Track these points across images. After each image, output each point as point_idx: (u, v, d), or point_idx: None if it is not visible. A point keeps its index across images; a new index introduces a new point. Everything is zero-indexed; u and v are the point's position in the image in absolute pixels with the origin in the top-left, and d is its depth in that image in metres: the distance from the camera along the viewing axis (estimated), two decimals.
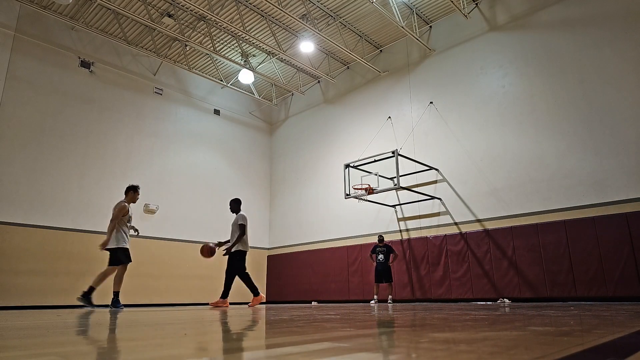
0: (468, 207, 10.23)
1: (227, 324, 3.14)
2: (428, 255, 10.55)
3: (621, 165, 8.23)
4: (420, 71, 11.99)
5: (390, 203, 11.58)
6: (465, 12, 10.93)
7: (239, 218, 8.01)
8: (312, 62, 13.49)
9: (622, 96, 8.45)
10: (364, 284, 11.69)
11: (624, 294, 7.68)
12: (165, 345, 1.74)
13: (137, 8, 11.02)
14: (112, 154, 11.67)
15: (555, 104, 9.30)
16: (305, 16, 11.18)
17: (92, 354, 1.44)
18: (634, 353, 1.36)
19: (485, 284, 9.43)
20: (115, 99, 12.04)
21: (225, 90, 14.77)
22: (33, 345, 1.69)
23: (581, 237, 8.34)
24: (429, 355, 1.27)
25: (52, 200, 10.34)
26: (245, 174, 14.98)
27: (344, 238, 12.70)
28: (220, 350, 1.54)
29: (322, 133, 14.25)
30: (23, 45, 10.57)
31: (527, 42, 10.00)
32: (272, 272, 14.46)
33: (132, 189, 7.42)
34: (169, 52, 12.88)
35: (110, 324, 3.14)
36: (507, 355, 1.25)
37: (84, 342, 1.86)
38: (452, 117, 10.98)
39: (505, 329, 2.18)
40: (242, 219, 7.98)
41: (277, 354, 1.35)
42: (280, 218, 14.97)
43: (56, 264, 10.05)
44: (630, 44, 8.50)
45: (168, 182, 12.73)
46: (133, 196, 7.41)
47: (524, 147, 9.57)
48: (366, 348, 1.52)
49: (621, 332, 2.01)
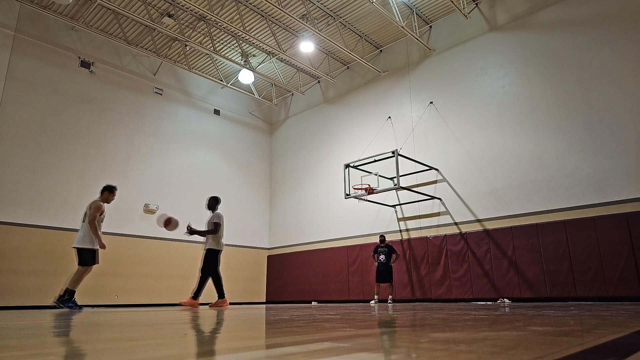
0: (468, 207, 10.23)
1: (227, 324, 3.14)
2: (428, 255, 10.55)
3: (621, 165, 8.23)
4: (420, 71, 11.99)
5: (390, 203, 11.58)
6: (465, 12, 10.93)
7: (214, 216, 7.68)
8: (312, 62, 13.49)
9: (622, 96, 8.44)
10: (364, 284, 11.69)
11: (624, 294, 7.68)
12: (165, 345, 1.73)
13: (137, 8, 11.02)
14: (112, 154, 11.67)
15: (555, 104, 9.30)
16: (305, 16, 11.18)
17: (92, 354, 1.44)
18: (634, 353, 1.36)
19: (485, 284, 9.43)
20: (115, 99, 12.04)
21: (225, 90, 14.77)
22: (33, 345, 1.69)
23: (581, 237, 8.34)
24: (429, 355, 1.27)
25: (52, 200, 10.33)
26: (245, 174, 14.98)
27: (344, 238, 12.69)
28: (220, 350, 1.54)
29: (322, 133, 14.25)
30: (23, 45, 10.57)
31: (527, 42, 10.00)
32: (272, 272, 14.46)
33: (109, 189, 7.13)
34: (169, 52, 12.88)
35: (110, 324, 3.15)
36: (507, 355, 1.25)
37: (84, 342, 1.86)
38: (452, 117, 10.98)
39: (505, 329, 2.18)
40: (217, 217, 7.65)
41: (277, 354, 1.35)
42: (280, 218, 14.97)
43: (56, 264, 10.05)
44: (630, 44, 8.50)
45: (168, 182, 12.73)
46: (108, 196, 7.12)
47: (524, 147, 9.57)
48: (366, 348, 1.52)
49: (621, 332, 2.01)
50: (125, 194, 11.72)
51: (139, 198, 12.03)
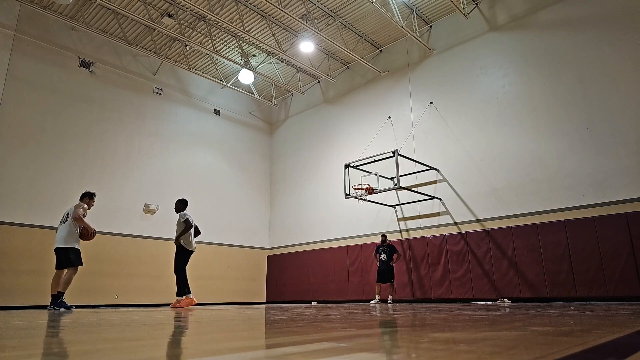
0: (468, 207, 10.23)
1: (227, 324, 3.14)
2: (428, 255, 10.55)
3: (621, 165, 8.23)
4: (420, 71, 11.99)
5: (390, 203, 11.58)
6: (465, 12, 10.93)
7: (181, 216, 7.96)
8: (312, 62, 13.48)
9: (622, 96, 8.44)
10: (364, 284, 11.69)
11: (624, 294, 7.68)
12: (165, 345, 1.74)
13: (137, 8, 11.02)
14: (112, 154, 11.67)
15: (555, 104, 9.30)
16: (305, 16, 11.18)
17: (92, 354, 1.44)
18: (634, 353, 1.36)
19: (485, 284, 9.43)
20: (115, 99, 12.04)
21: (225, 90, 14.77)
22: (33, 345, 1.69)
23: (581, 237, 8.34)
24: (429, 355, 1.27)
25: (52, 200, 10.33)
26: (245, 174, 14.98)
27: (344, 238, 12.69)
28: (221, 350, 1.54)
29: (322, 133, 14.25)
30: (23, 45, 10.57)
31: (527, 42, 10.00)
32: (272, 272, 14.46)
33: (88, 195, 7.34)
34: (169, 52, 12.88)
35: (110, 324, 3.15)
36: (507, 355, 1.25)
37: (83, 342, 1.86)
38: (452, 117, 10.98)
39: (505, 329, 2.18)
40: (185, 215, 7.94)
41: (277, 354, 1.35)
42: (280, 218, 14.97)
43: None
44: (630, 44, 8.50)
45: (168, 182, 12.72)
46: (88, 202, 7.31)
47: (524, 147, 9.57)
48: (366, 348, 1.52)
49: (621, 332, 2.01)
50: (125, 194, 11.73)
51: (139, 198, 12.03)
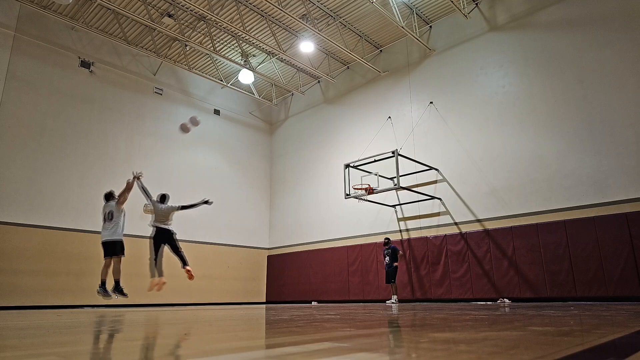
0: (468, 207, 10.23)
1: (228, 324, 3.13)
2: (428, 255, 10.55)
3: (621, 165, 8.23)
4: (420, 71, 11.98)
5: (390, 203, 11.58)
6: (465, 12, 10.92)
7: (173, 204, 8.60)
8: (312, 62, 13.48)
9: (622, 96, 8.44)
10: (364, 284, 11.69)
11: (624, 294, 7.68)
12: (165, 345, 1.74)
13: (137, 8, 11.01)
14: (112, 154, 11.66)
15: (555, 104, 9.29)
16: (305, 16, 11.18)
17: (91, 354, 1.44)
18: (634, 353, 1.36)
19: (485, 284, 9.43)
20: (115, 99, 12.04)
21: (225, 90, 14.76)
22: (33, 345, 1.69)
23: (581, 237, 8.33)
24: (429, 355, 1.27)
25: (52, 200, 10.33)
26: (245, 174, 14.97)
27: (344, 238, 12.69)
28: (221, 350, 1.54)
29: (322, 133, 14.25)
30: (23, 45, 10.56)
31: (527, 42, 10.00)
32: (272, 272, 14.46)
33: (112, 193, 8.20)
34: (169, 52, 12.88)
35: (111, 324, 3.14)
36: (507, 355, 1.25)
37: (83, 342, 1.86)
38: (452, 117, 10.97)
39: (505, 329, 2.18)
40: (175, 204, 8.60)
41: (277, 354, 1.35)
42: (280, 218, 14.97)
43: (56, 264, 10.05)
44: (630, 44, 8.50)
45: (168, 182, 12.70)
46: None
47: (524, 147, 9.57)
48: (366, 348, 1.52)
49: (621, 332, 2.01)
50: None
51: (139, 198, 12.01)
